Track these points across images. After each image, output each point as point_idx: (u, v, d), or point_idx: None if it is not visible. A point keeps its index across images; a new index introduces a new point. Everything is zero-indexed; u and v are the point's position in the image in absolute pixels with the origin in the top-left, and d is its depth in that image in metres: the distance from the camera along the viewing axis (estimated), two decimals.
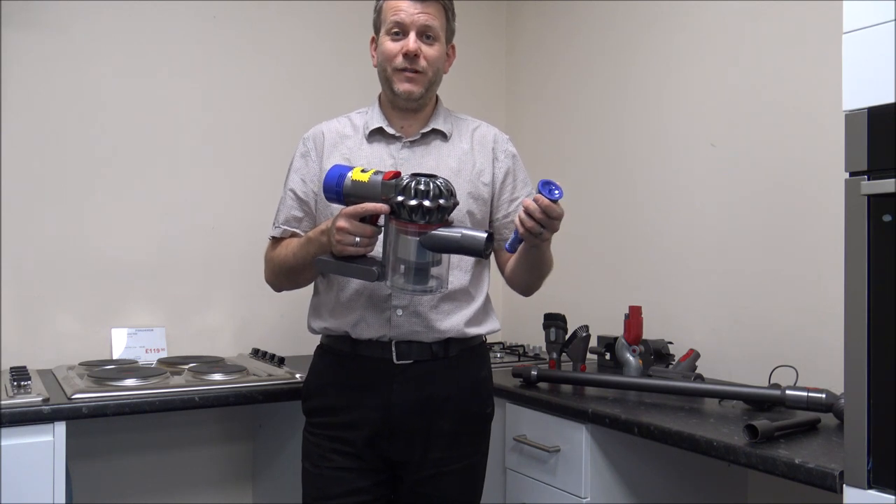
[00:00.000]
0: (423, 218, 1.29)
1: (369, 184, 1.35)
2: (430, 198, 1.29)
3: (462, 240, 1.30)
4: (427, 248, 1.31)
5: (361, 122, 1.63)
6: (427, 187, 1.29)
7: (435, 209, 1.29)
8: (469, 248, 1.30)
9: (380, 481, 1.56)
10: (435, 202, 1.29)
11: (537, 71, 2.90)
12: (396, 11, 1.52)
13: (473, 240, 1.30)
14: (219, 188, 2.46)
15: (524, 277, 1.63)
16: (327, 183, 1.39)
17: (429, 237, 1.30)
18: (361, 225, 1.34)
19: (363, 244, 1.35)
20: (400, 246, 1.32)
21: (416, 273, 1.33)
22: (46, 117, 2.21)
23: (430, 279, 1.35)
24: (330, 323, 1.57)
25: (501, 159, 1.65)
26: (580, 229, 2.62)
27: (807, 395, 1.57)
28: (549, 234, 1.41)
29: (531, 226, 1.37)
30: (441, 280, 1.37)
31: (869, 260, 1.13)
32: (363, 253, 1.37)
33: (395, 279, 1.34)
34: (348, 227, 1.34)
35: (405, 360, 1.52)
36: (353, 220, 1.34)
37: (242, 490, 2.47)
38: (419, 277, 1.34)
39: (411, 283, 1.34)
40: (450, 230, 1.31)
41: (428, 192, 1.29)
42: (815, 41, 1.92)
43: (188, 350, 2.36)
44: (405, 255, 1.32)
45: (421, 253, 1.32)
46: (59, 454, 1.60)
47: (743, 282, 2.10)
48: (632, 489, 1.75)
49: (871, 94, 1.14)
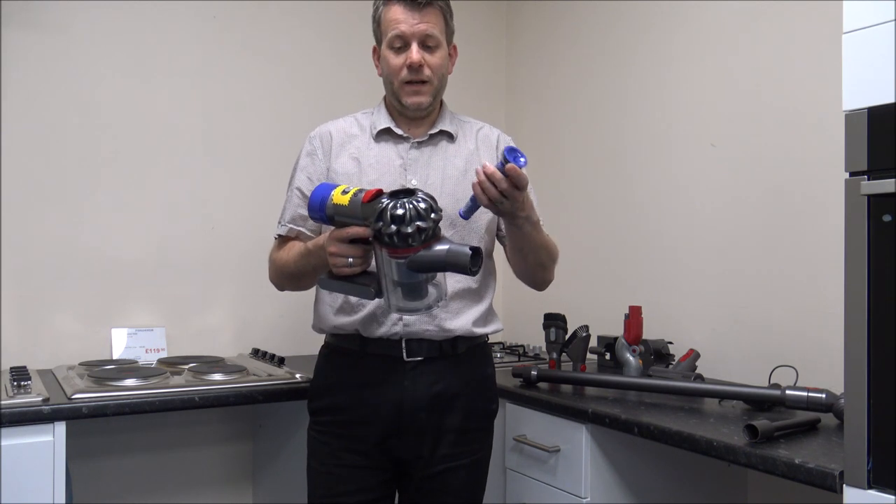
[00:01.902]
0: (403, 243, 1.26)
1: (349, 206, 1.32)
2: (407, 222, 1.24)
3: (447, 258, 1.26)
4: (414, 270, 1.29)
5: (368, 122, 1.64)
6: (404, 210, 1.24)
7: (415, 233, 1.25)
8: (455, 266, 1.27)
9: (385, 479, 1.57)
10: (413, 225, 1.24)
11: (537, 71, 2.90)
12: (396, 24, 1.53)
13: (458, 257, 1.26)
14: (219, 188, 2.46)
15: (522, 266, 1.62)
16: (311, 205, 1.38)
17: (413, 260, 1.27)
18: (351, 247, 1.33)
19: (357, 264, 1.34)
20: (388, 268, 1.31)
21: (411, 291, 1.32)
22: (46, 117, 2.21)
23: (427, 294, 1.34)
24: (339, 321, 1.57)
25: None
26: (580, 229, 2.62)
27: (807, 395, 1.57)
28: (509, 204, 1.39)
29: (493, 194, 1.36)
30: (440, 290, 1.36)
31: (869, 260, 1.13)
32: (360, 271, 1.36)
33: (394, 300, 1.33)
34: (338, 250, 1.34)
35: (415, 358, 1.53)
36: (341, 243, 1.34)
37: (242, 490, 2.47)
38: (416, 294, 1.33)
39: (411, 300, 1.33)
40: (435, 249, 1.27)
41: (404, 216, 1.24)
42: (815, 41, 1.92)
43: (188, 350, 2.36)
44: (396, 276, 1.30)
45: (410, 274, 1.30)
46: (59, 454, 1.60)
47: (743, 282, 2.10)
48: (632, 489, 1.75)
49: (871, 94, 1.14)
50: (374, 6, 1.60)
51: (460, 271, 1.27)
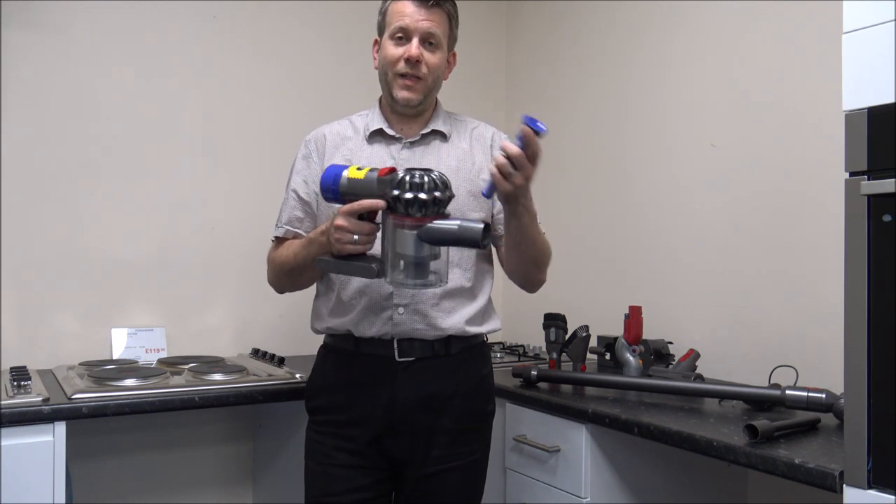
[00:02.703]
0: (419, 211, 1.29)
1: (365, 180, 1.34)
2: (426, 190, 1.29)
3: (459, 231, 1.29)
4: (425, 241, 1.31)
5: (362, 124, 1.65)
6: (422, 180, 1.29)
7: (431, 201, 1.29)
8: (467, 239, 1.29)
9: (381, 479, 1.57)
10: (430, 194, 1.29)
11: (537, 71, 2.90)
12: (401, 16, 1.53)
13: (470, 230, 1.29)
14: (219, 188, 2.46)
15: (516, 262, 1.61)
16: (324, 182, 1.39)
17: (426, 230, 1.30)
18: (359, 222, 1.34)
19: (362, 241, 1.35)
20: (398, 241, 1.32)
21: (415, 267, 1.33)
22: (46, 117, 2.21)
23: (429, 273, 1.35)
24: (332, 322, 1.58)
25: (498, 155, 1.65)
26: (580, 229, 2.62)
27: (807, 395, 1.57)
28: (520, 178, 1.39)
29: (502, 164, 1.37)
30: (440, 274, 1.37)
31: (869, 260, 1.13)
32: (362, 251, 1.37)
33: (395, 275, 1.34)
34: (346, 224, 1.34)
35: (407, 358, 1.53)
36: (350, 217, 1.34)
37: (242, 490, 2.47)
38: (419, 272, 1.34)
39: (411, 277, 1.34)
40: (447, 222, 1.31)
41: (423, 184, 1.29)
42: (815, 41, 1.92)
43: (188, 350, 2.36)
44: (403, 249, 1.32)
45: (419, 246, 1.31)
46: (59, 454, 1.60)
47: (743, 282, 2.10)
48: (632, 489, 1.75)
49: (871, 94, 1.14)
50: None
51: (471, 245, 1.30)
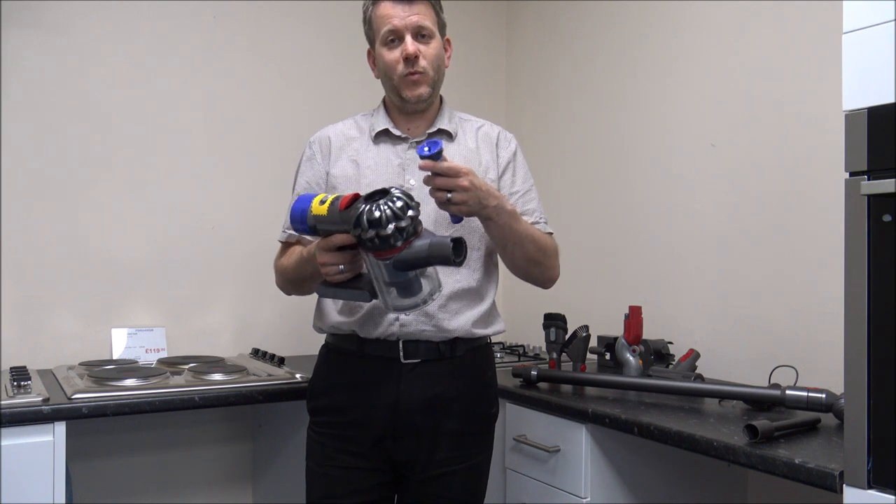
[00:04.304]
0: (384, 246, 1.25)
1: (328, 216, 1.31)
2: (384, 224, 1.22)
3: (430, 253, 1.25)
4: (400, 269, 1.28)
5: (367, 124, 1.64)
6: (380, 213, 1.23)
7: (394, 233, 1.23)
8: (439, 258, 1.26)
9: (384, 481, 1.56)
10: (391, 226, 1.23)
11: (537, 71, 2.90)
12: (388, 19, 1.53)
13: (440, 249, 1.25)
14: (219, 188, 2.46)
15: (512, 264, 1.60)
16: (293, 220, 1.37)
17: (398, 260, 1.27)
18: (339, 254, 1.32)
19: (348, 269, 1.34)
20: (377, 271, 1.30)
21: (404, 289, 1.31)
22: (46, 117, 2.21)
23: (421, 289, 1.32)
24: (337, 322, 1.57)
25: (502, 154, 1.66)
26: (580, 229, 2.62)
27: (807, 395, 1.57)
28: (458, 196, 1.38)
29: (436, 196, 1.40)
30: (433, 283, 1.35)
31: (869, 260, 1.13)
32: (351, 276, 1.35)
33: (390, 300, 1.33)
34: (327, 259, 1.33)
35: (412, 360, 1.52)
36: (328, 252, 1.33)
37: (242, 490, 2.47)
38: (409, 291, 1.32)
39: (405, 297, 1.32)
40: (416, 245, 1.26)
41: (381, 219, 1.22)
42: (815, 41, 1.92)
43: (188, 350, 2.36)
44: (386, 277, 1.30)
45: (398, 273, 1.29)
46: (59, 454, 1.60)
47: (743, 282, 2.10)
48: (632, 489, 1.75)
49: (871, 94, 1.14)
50: (363, 8, 1.60)
51: (444, 263, 1.26)
